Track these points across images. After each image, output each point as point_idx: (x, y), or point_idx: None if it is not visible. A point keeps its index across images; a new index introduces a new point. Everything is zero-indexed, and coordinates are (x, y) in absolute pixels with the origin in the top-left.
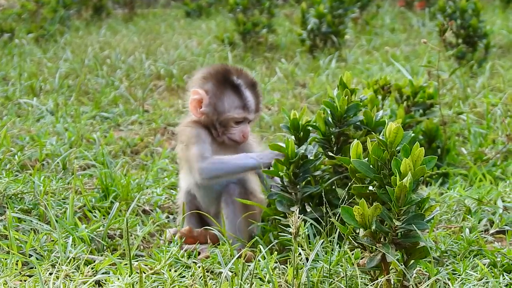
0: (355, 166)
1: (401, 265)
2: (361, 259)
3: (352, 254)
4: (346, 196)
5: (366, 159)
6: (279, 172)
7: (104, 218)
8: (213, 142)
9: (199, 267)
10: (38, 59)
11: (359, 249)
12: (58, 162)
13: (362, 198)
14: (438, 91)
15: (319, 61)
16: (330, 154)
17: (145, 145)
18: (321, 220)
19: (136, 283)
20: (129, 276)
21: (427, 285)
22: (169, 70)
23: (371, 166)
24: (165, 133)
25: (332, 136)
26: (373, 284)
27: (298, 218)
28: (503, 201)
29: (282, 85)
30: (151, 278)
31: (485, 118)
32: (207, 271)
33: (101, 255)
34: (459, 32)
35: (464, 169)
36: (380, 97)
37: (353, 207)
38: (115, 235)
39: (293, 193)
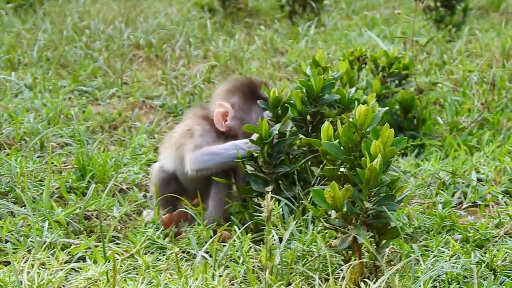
0: (326, 148)
1: (373, 245)
2: (333, 240)
3: (326, 233)
4: (320, 175)
5: (337, 140)
6: (253, 153)
7: (81, 200)
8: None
9: (172, 253)
10: (18, 30)
11: (332, 230)
12: (36, 141)
13: (333, 181)
14: (413, 62)
15: (298, 27)
16: (304, 133)
17: (123, 120)
18: (295, 200)
19: (110, 270)
20: (103, 264)
21: (399, 265)
22: (148, 40)
23: (341, 148)
24: (143, 107)
25: (308, 115)
26: (346, 265)
27: (271, 200)
28: (477, 172)
29: (261, 53)
30: (126, 262)
31: (462, 85)
32: (184, 252)
33: (78, 238)
34: None
35: (440, 138)
36: (356, 68)
37: (326, 186)
38: (92, 216)
39: (268, 173)
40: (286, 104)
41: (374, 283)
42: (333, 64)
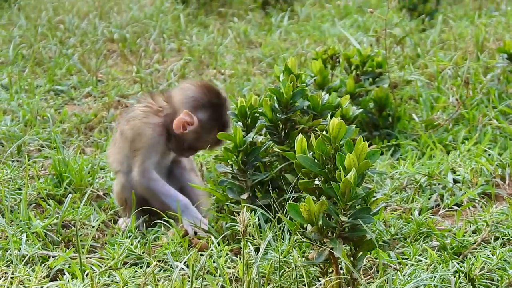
0: (300, 161)
1: (350, 258)
2: (310, 252)
3: (303, 243)
4: (295, 183)
5: (311, 153)
6: (228, 161)
7: (58, 208)
8: (163, 149)
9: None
10: None
11: (308, 242)
12: (13, 147)
13: (308, 194)
14: (386, 60)
15: (271, 18)
16: (276, 140)
17: (99, 121)
18: (271, 207)
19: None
20: (81, 281)
21: (378, 276)
22: (122, 34)
23: (316, 161)
24: (119, 107)
25: (279, 122)
26: (324, 278)
27: (247, 210)
28: (453, 173)
29: (235, 46)
30: (105, 276)
31: (436, 80)
32: (161, 261)
33: (57, 248)
34: None
35: (415, 136)
36: (329, 67)
37: (302, 195)
38: (69, 224)
39: (243, 180)
40: (255, 114)
41: None
42: (307, 58)
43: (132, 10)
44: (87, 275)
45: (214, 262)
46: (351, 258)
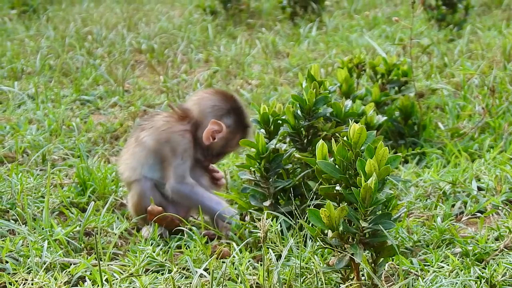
0: (321, 167)
1: (371, 264)
2: (331, 258)
3: (325, 249)
4: (316, 189)
5: (332, 159)
6: (251, 168)
7: (81, 216)
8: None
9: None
10: (21, 37)
11: (329, 248)
12: (38, 155)
13: (329, 199)
14: (411, 68)
15: (299, 29)
16: (299, 147)
17: (125, 130)
18: (293, 214)
19: None
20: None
21: (399, 282)
22: (150, 45)
23: (336, 166)
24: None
25: (302, 129)
26: (345, 284)
27: (269, 218)
28: (478, 181)
29: (262, 56)
30: (126, 282)
31: (462, 89)
32: (182, 269)
33: (79, 255)
34: None
35: (441, 145)
36: (355, 75)
37: (324, 202)
38: (92, 232)
39: (265, 187)
40: (278, 121)
41: None
42: (334, 68)
43: (161, 21)
44: (107, 281)
45: (235, 269)
46: (372, 264)
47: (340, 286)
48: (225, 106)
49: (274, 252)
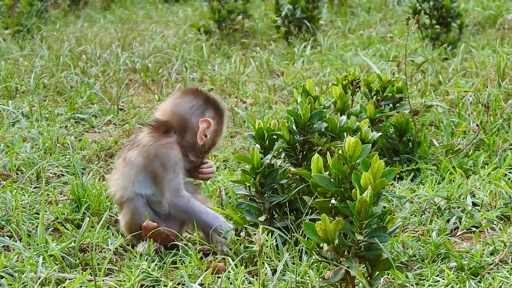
0: (316, 180)
1: (366, 277)
2: (327, 272)
3: (321, 263)
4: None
5: (327, 172)
6: (246, 183)
7: (76, 232)
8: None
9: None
10: (15, 57)
11: (325, 262)
12: (32, 172)
13: (325, 213)
14: (406, 85)
15: (294, 48)
16: (294, 162)
17: (119, 148)
18: (289, 229)
19: None
20: None
21: None
22: (144, 64)
23: (331, 180)
24: None
25: (297, 144)
26: None
27: (264, 232)
28: (473, 197)
29: (257, 75)
30: None
31: (457, 106)
32: (178, 284)
33: (74, 271)
34: (433, 13)
35: (436, 161)
36: (349, 92)
37: (319, 216)
38: (87, 248)
39: (260, 203)
40: (273, 136)
41: None
42: (329, 86)
43: (155, 40)
44: None
45: (231, 283)
46: (368, 278)
47: None
48: (201, 102)
49: (269, 267)
